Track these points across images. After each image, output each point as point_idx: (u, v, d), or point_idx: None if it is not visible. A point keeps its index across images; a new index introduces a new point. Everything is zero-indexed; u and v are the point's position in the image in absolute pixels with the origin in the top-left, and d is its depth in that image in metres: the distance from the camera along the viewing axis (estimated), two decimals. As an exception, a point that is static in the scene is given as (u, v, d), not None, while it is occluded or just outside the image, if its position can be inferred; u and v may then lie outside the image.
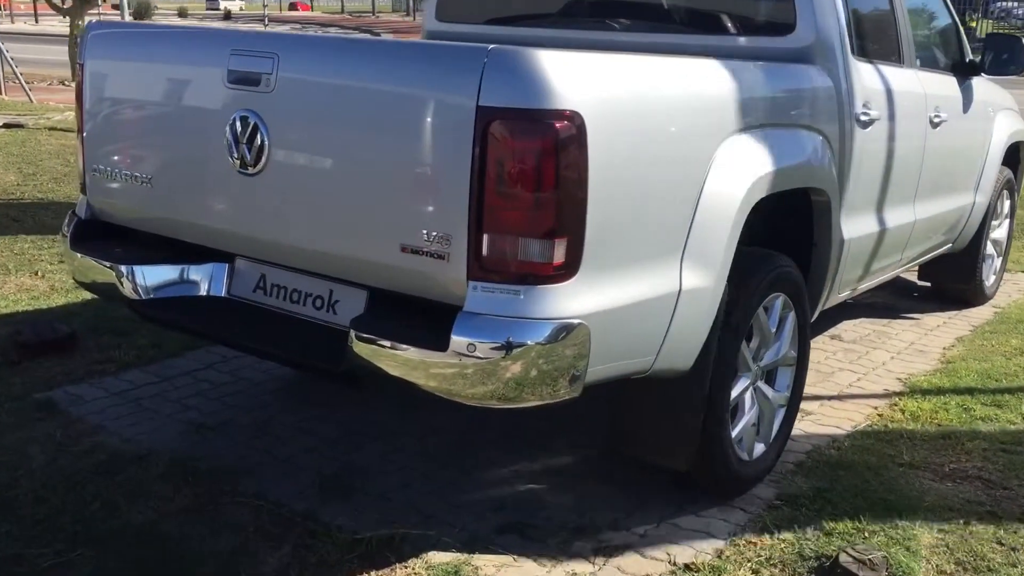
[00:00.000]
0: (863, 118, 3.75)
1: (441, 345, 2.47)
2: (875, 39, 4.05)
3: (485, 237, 2.45)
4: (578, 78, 2.46)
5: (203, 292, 3.16)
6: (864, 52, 3.86)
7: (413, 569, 2.94)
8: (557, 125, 2.38)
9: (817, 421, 4.02)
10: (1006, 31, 28.22)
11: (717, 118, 2.93)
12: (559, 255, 2.45)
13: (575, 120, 2.40)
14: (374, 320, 2.67)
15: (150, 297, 3.14)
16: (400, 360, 2.57)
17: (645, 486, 3.44)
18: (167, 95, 3.07)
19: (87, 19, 13.81)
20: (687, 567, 2.97)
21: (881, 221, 4.14)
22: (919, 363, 4.81)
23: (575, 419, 3.91)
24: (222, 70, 2.85)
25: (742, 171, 2.98)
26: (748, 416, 3.33)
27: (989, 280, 5.88)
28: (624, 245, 2.63)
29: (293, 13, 44.01)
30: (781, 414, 3.54)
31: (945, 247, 5.28)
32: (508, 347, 2.44)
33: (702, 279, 2.87)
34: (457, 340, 2.45)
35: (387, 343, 2.57)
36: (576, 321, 2.49)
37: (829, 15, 3.60)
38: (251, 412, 4.02)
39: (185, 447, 3.68)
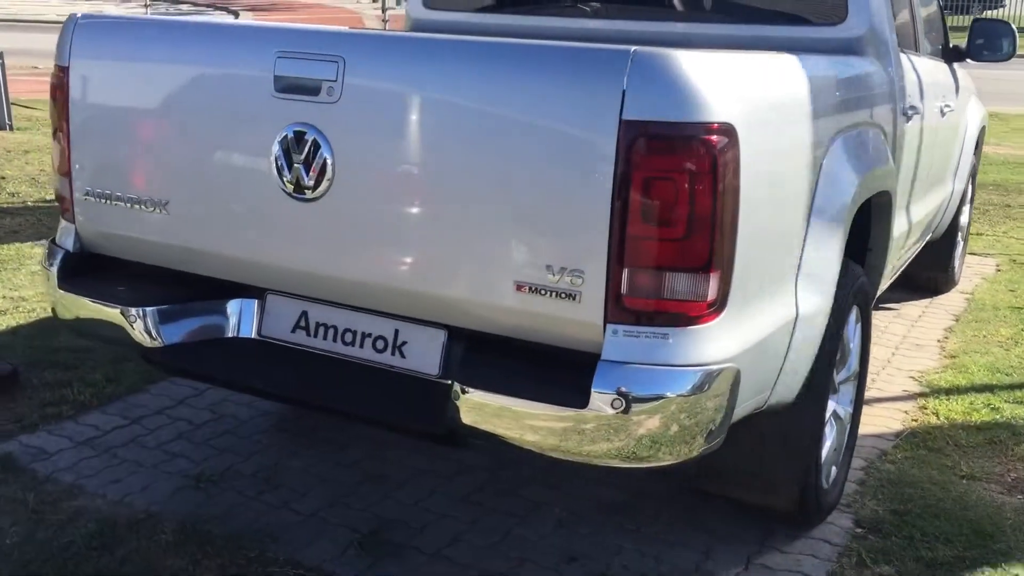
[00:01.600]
0: (909, 112, 3.55)
1: (579, 401, 2.11)
2: (901, 25, 3.85)
3: (627, 272, 2.09)
4: (728, 84, 2.13)
5: (229, 334, 2.69)
6: (898, 41, 3.66)
7: (503, 643, 2.58)
8: (714, 140, 2.05)
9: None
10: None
11: (826, 121, 2.65)
12: (712, 291, 2.12)
13: (730, 133, 2.07)
14: (480, 370, 2.27)
15: (169, 343, 2.65)
16: (520, 419, 2.19)
17: (713, 521, 3.16)
18: (190, 104, 2.57)
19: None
20: (800, 616, 2.71)
21: (909, 217, 3.96)
22: (924, 359, 4.69)
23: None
24: (267, 75, 2.38)
25: (845, 177, 2.72)
26: (829, 441, 3.09)
27: (957, 266, 5.85)
28: (759, 272, 2.33)
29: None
30: (847, 432, 3.32)
31: (928, 237, 5.18)
32: (658, 399, 2.10)
33: (816, 301, 2.60)
34: (599, 395, 2.10)
35: (505, 399, 2.19)
36: (728, 365, 2.17)
37: (880, 1, 3.36)
38: (250, 458, 3.54)
39: (188, 507, 3.19)
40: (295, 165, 2.37)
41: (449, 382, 2.27)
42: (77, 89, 2.69)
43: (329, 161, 2.34)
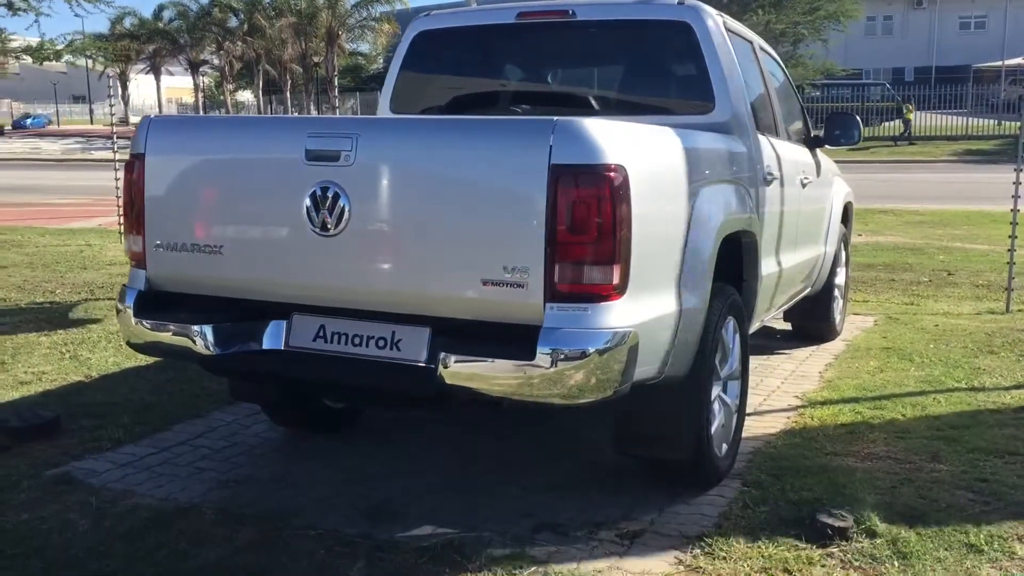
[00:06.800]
0: (768, 177, 4.66)
1: (528, 356, 3.07)
2: (762, 117, 5.00)
3: (557, 267, 3.09)
4: (620, 139, 3.17)
5: (266, 346, 3.61)
6: (758, 126, 4.79)
7: (480, 563, 3.45)
8: (611, 175, 3.07)
9: (748, 431, 4.78)
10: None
11: (695, 174, 3.71)
12: (616, 278, 3.12)
13: (622, 172, 3.10)
14: (457, 345, 3.22)
15: (223, 352, 3.56)
16: (487, 374, 3.14)
17: (634, 487, 4.09)
18: (240, 175, 3.55)
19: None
20: (699, 537, 3.63)
21: (779, 263, 5.05)
22: (806, 384, 5.74)
23: (539, 448, 4.57)
24: (300, 149, 3.37)
25: (713, 216, 3.77)
26: (718, 419, 4.06)
27: (837, 319, 6.97)
28: (649, 272, 3.33)
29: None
30: (735, 419, 4.29)
31: (807, 290, 6.29)
32: (584, 353, 3.07)
33: (693, 301, 3.61)
34: (542, 350, 3.06)
35: (477, 360, 3.14)
36: (630, 329, 3.16)
37: (738, 96, 4.51)
38: (264, 468, 4.40)
39: (222, 499, 4.03)
40: (321, 211, 3.34)
41: (434, 366, 3.22)
42: (151, 169, 3.65)
43: (346, 207, 3.32)
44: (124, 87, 58.84)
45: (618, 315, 3.15)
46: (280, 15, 49.44)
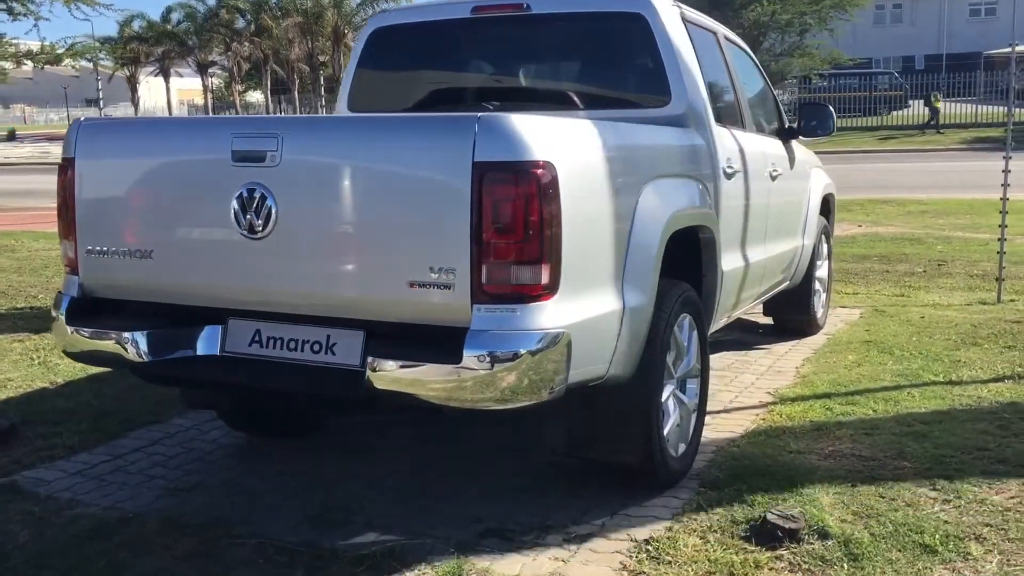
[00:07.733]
0: (728, 171, 4.55)
1: (455, 359, 2.98)
2: (725, 109, 4.89)
3: (484, 267, 2.99)
4: (549, 135, 3.08)
5: (201, 352, 3.53)
6: (719, 119, 4.68)
7: (420, 572, 3.37)
8: (538, 172, 2.98)
9: (714, 430, 4.69)
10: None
11: (638, 169, 3.61)
12: (545, 277, 3.02)
13: (550, 168, 3.01)
14: (385, 349, 3.14)
15: (157, 359, 3.48)
16: (417, 378, 3.05)
17: (590, 489, 3.99)
18: (168, 177, 3.47)
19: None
20: (647, 540, 3.53)
21: (745, 257, 4.93)
22: (781, 380, 5.63)
23: (500, 449, 4.49)
24: (226, 150, 3.29)
25: (659, 212, 3.67)
26: (673, 418, 3.96)
27: (819, 312, 6.85)
28: (585, 270, 3.24)
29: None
30: (693, 419, 4.19)
31: (785, 284, 6.18)
32: (515, 355, 2.98)
33: (638, 299, 3.51)
34: (469, 353, 2.97)
35: (405, 364, 3.05)
36: (562, 330, 3.06)
37: (695, 88, 4.40)
38: (216, 475, 4.33)
39: (168, 507, 3.96)
40: (248, 213, 3.26)
41: (364, 360, 3.13)
42: (81, 173, 3.57)
43: (273, 209, 3.23)
44: (134, 90, 58.91)
45: (550, 315, 3.06)
46: (286, 15, 49.46)
